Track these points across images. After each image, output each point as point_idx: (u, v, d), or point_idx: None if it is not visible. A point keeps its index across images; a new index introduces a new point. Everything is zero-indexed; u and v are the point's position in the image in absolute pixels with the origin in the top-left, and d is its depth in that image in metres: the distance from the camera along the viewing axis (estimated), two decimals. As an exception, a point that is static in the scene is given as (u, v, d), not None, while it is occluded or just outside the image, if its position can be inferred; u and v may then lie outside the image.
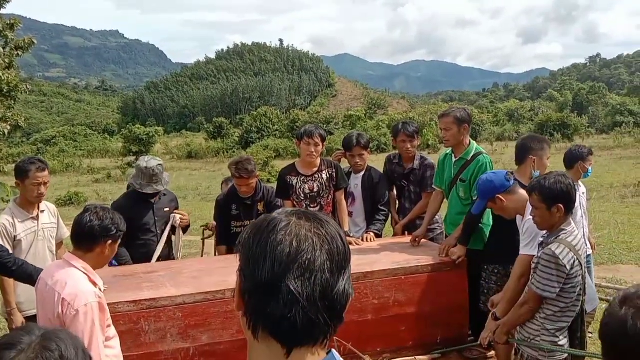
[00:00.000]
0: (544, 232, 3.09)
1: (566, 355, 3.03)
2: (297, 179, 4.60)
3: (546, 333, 2.99)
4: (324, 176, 4.61)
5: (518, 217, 3.50)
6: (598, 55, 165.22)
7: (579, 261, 2.92)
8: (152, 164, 4.28)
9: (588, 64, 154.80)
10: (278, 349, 1.00)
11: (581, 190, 4.82)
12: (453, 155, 4.32)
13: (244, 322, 1.04)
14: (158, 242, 4.38)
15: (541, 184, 2.97)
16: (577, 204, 4.69)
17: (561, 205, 2.92)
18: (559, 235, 2.94)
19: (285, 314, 0.97)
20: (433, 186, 4.59)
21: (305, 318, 0.98)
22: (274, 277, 0.98)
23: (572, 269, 2.87)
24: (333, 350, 1.05)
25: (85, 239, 2.56)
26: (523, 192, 3.30)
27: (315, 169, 4.61)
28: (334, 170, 4.66)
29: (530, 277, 3.04)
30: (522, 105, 59.05)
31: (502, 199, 3.44)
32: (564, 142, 35.44)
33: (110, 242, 2.61)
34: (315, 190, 4.57)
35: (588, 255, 4.73)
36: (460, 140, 4.22)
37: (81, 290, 2.44)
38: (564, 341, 3.01)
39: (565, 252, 2.87)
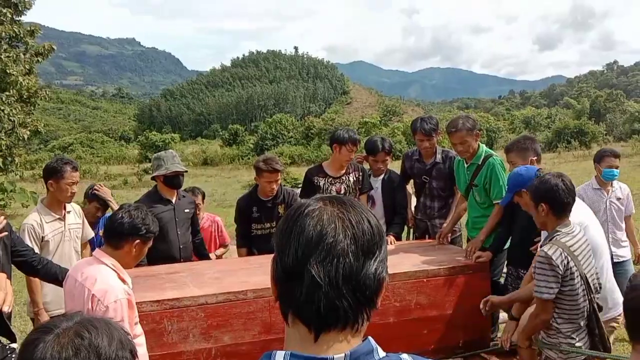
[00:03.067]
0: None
1: (584, 356, 3.00)
2: (325, 180, 4.63)
3: (562, 335, 2.97)
4: (351, 179, 4.65)
5: None
6: (615, 62, 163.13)
7: (574, 262, 2.87)
8: (168, 149, 4.73)
9: (605, 71, 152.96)
10: (306, 334, 1.01)
11: (613, 195, 4.72)
12: (464, 161, 4.32)
13: (279, 307, 1.06)
14: (179, 242, 4.39)
15: (533, 183, 3.02)
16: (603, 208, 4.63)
17: (543, 205, 2.93)
18: (554, 237, 2.94)
19: (308, 299, 0.98)
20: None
21: (328, 303, 0.98)
22: (297, 263, 0.99)
23: (566, 270, 2.84)
24: (370, 337, 1.05)
25: (114, 235, 2.59)
26: None
27: (343, 172, 4.66)
28: (360, 174, 4.70)
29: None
30: (538, 113, 58.64)
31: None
32: (581, 149, 35.02)
33: (138, 241, 2.63)
34: (341, 192, 4.60)
35: (620, 262, 4.60)
36: (474, 148, 4.22)
37: (111, 286, 2.46)
38: (580, 343, 2.97)
39: (558, 253, 2.83)
